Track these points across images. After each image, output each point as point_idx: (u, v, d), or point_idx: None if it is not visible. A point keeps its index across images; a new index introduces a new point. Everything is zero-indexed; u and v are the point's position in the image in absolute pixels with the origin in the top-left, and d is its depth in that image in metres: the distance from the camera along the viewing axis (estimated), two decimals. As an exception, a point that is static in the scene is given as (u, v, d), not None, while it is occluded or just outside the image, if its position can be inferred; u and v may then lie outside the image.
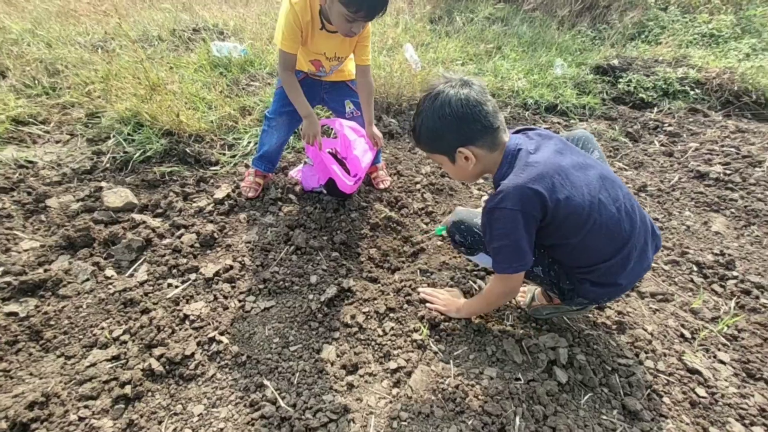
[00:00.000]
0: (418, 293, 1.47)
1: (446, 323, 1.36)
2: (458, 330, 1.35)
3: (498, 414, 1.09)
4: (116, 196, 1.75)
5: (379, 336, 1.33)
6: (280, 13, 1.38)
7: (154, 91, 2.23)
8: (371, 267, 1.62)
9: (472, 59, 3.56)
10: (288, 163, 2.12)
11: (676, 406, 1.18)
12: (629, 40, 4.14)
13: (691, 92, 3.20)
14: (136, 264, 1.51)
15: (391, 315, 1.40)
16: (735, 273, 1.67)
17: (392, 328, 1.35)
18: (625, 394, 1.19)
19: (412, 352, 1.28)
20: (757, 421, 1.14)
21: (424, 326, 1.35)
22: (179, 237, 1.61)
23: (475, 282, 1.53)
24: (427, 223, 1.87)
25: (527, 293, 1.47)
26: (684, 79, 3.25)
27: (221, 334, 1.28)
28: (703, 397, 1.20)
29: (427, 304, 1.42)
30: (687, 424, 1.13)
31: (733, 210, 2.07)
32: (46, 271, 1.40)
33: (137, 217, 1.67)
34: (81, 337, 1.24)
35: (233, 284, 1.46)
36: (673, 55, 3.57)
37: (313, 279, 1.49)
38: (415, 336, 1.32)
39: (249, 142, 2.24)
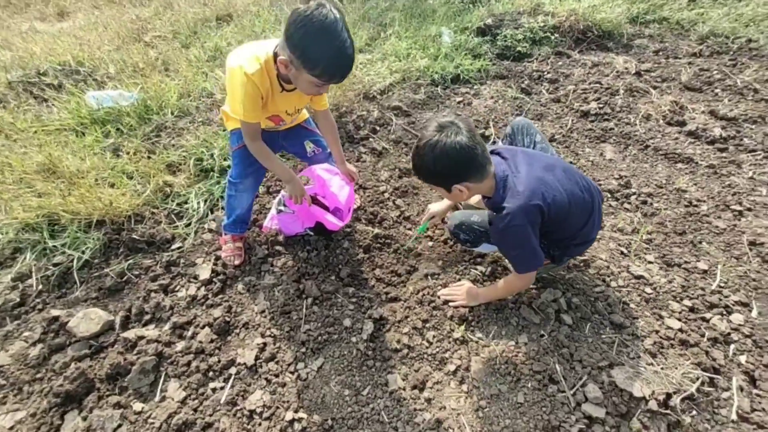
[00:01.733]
0: (439, 297, 1.68)
1: (470, 314, 1.61)
2: (483, 315, 1.61)
3: (544, 369, 1.40)
4: (87, 320, 1.52)
5: (426, 348, 1.52)
6: (234, 83, 1.29)
7: (69, 183, 1.85)
8: (385, 288, 1.75)
9: (369, 44, 3.61)
10: (255, 215, 2.03)
11: (639, 307, 1.65)
12: (491, -4, 4.59)
13: (552, 37, 3.80)
14: (160, 384, 1.39)
15: (428, 325, 1.59)
16: (633, 190, 2.25)
17: (434, 336, 1.55)
18: (609, 313, 1.61)
19: (459, 349, 1.51)
20: (684, 295, 1.68)
21: (458, 323, 1.58)
22: (192, 337, 1.51)
23: (476, 269, 1.79)
24: (409, 228, 2.05)
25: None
26: (544, 27, 3.83)
27: (295, 411, 1.32)
28: (650, 294, 1.69)
29: (450, 303, 1.65)
30: (649, 317, 1.61)
31: (614, 137, 2.68)
32: (62, 439, 1.22)
33: (129, 335, 1.50)
34: (155, 483, 1.17)
35: (276, 360, 1.47)
36: (530, 5, 4.12)
37: (347, 322, 1.58)
38: (455, 335, 1.55)
39: (198, 203, 2.06)
